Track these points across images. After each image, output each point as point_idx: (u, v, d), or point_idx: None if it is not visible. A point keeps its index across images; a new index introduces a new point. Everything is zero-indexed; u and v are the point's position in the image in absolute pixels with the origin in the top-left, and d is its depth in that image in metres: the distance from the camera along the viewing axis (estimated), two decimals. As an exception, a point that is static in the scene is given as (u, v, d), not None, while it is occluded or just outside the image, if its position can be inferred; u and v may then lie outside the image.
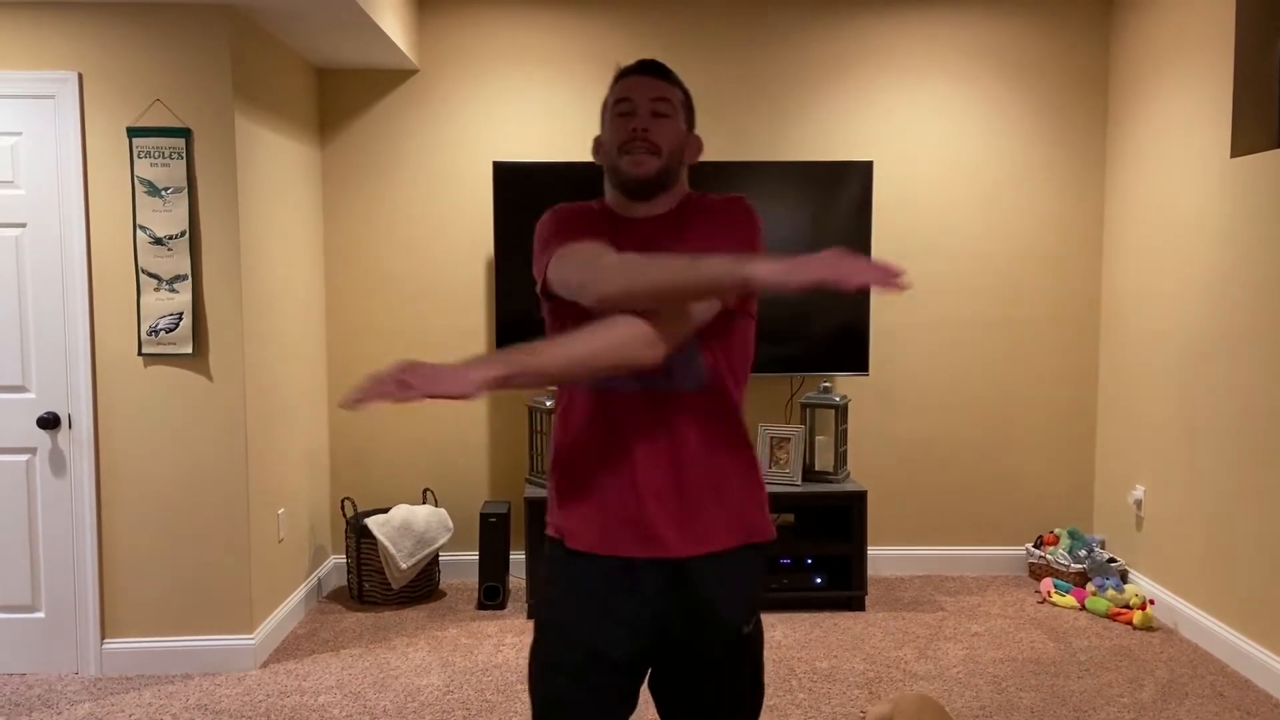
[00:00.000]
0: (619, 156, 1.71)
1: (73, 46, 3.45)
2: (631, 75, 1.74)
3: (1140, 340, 4.32)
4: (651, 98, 1.71)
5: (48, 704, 3.37)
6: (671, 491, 1.68)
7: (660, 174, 1.71)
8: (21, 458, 3.55)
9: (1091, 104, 4.61)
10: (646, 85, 1.72)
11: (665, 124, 1.71)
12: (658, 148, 1.70)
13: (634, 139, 1.69)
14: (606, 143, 1.75)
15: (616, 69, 1.78)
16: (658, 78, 1.73)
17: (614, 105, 1.73)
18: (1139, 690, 3.44)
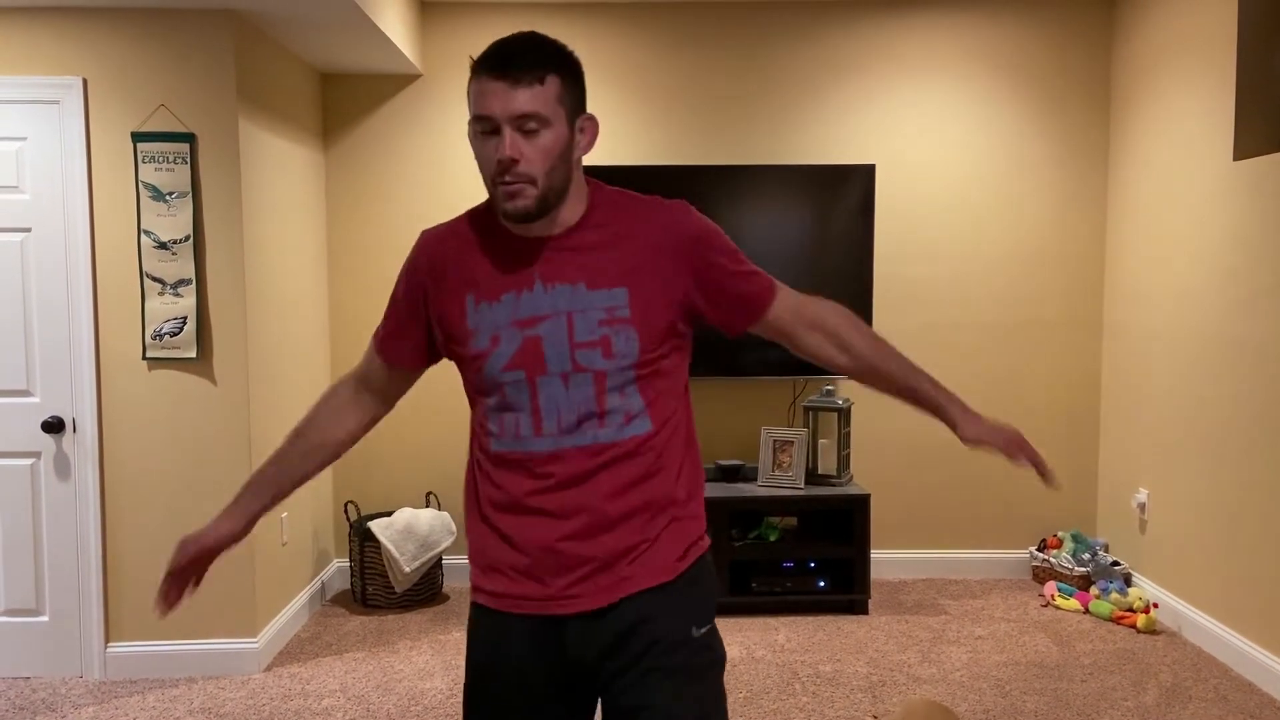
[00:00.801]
0: (493, 187, 1.47)
1: (78, 52, 3.46)
2: (486, 79, 1.42)
3: (1143, 343, 4.32)
4: (515, 115, 1.41)
5: (51, 708, 3.37)
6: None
7: (541, 203, 1.46)
8: (26, 462, 3.56)
9: (1094, 107, 4.62)
10: (506, 97, 1.41)
11: (539, 142, 1.44)
12: (533, 178, 1.44)
13: (503, 170, 1.43)
14: (477, 161, 1.49)
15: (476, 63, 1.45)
16: (519, 83, 1.41)
17: (473, 121, 1.45)
18: (1142, 694, 3.44)
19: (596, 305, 1.49)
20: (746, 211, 4.37)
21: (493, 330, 1.51)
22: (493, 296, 1.51)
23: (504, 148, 1.42)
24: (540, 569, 1.52)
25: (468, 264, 1.54)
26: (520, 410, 1.51)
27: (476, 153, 1.48)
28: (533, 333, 1.49)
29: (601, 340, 1.49)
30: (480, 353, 1.51)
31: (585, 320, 1.49)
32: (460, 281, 1.54)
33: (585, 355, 1.49)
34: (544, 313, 1.49)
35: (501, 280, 1.52)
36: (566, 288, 1.50)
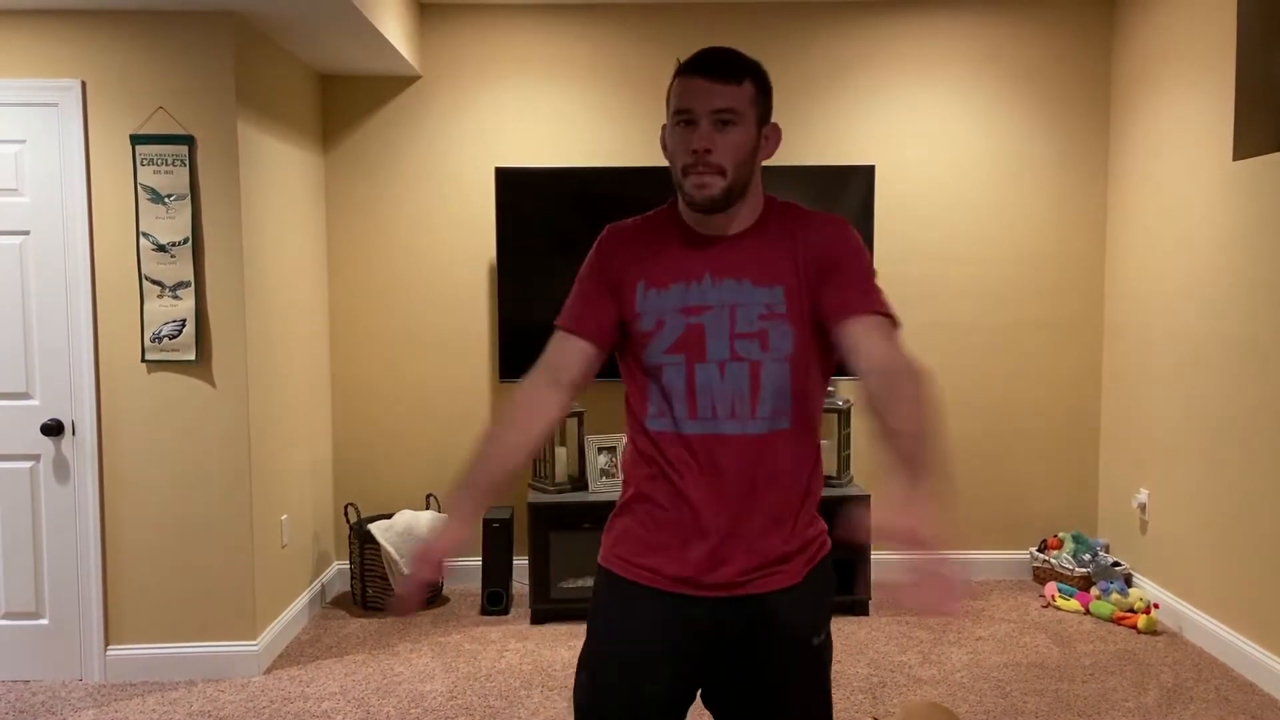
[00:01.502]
0: (683, 177, 1.59)
1: (76, 54, 3.46)
2: (690, 77, 1.56)
3: (1143, 343, 4.32)
4: (713, 109, 1.55)
5: (51, 711, 3.37)
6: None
7: (726, 194, 1.59)
8: (25, 464, 3.55)
9: (1094, 108, 4.62)
10: (707, 92, 1.54)
11: (730, 136, 1.56)
12: (722, 167, 1.56)
13: (697, 160, 1.56)
14: (670, 155, 1.62)
15: (677, 62, 1.61)
16: (720, 80, 1.55)
17: (673, 115, 1.59)
18: (1143, 694, 3.43)
19: (758, 300, 1.60)
20: (746, 212, 4.37)
21: (658, 315, 1.62)
22: (663, 284, 1.63)
23: (700, 138, 1.55)
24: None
25: (644, 254, 1.67)
26: (684, 388, 1.60)
27: (670, 147, 1.61)
28: (696, 320, 1.60)
29: (759, 333, 1.59)
30: (646, 334, 1.63)
31: (746, 313, 1.60)
32: (636, 269, 1.66)
33: (744, 345, 1.59)
34: (709, 303, 1.60)
35: (673, 270, 1.63)
36: (733, 282, 1.61)
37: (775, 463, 1.63)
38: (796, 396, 1.62)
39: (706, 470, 1.61)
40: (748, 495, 1.61)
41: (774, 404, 1.61)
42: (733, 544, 1.61)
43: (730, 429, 1.60)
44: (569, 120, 4.57)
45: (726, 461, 1.60)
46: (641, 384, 1.67)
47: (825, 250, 1.62)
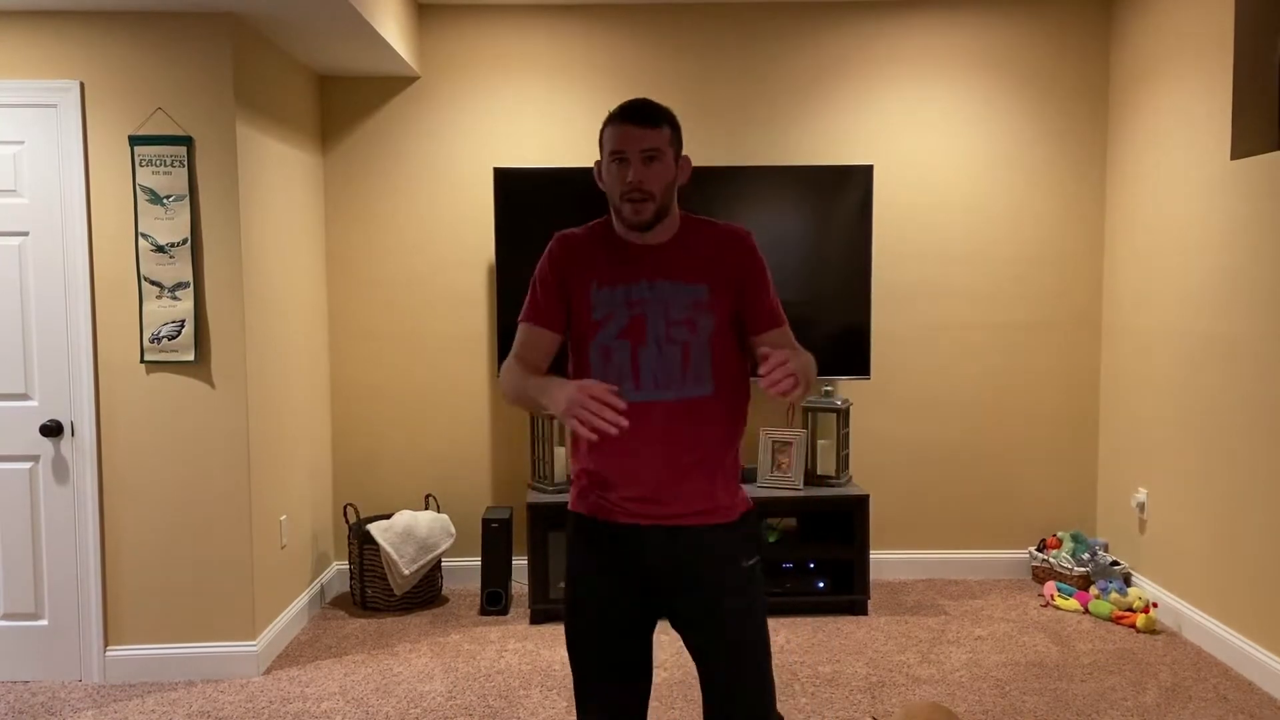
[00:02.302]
0: (620, 202, 1.99)
1: (75, 55, 3.46)
2: (621, 124, 1.98)
3: (1142, 343, 4.32)
4: (641, 149, 1.96)
5: (51, 711, 3.37)
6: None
7: (655, 215, 2.00)
8: (25, 465, 3.56)
9: (1091, 107, 4.62)
10: (636, 136, 1.96)
11: (655, 169, 1.98)
12: (652, 194, 1.97)
13: (630, 189, 1.96)
14: (607, 186, 2.02)
15: (613, 113, 2.00)
16: (645, 126, 1.97)
17: (609, 155, 1.99)
18: (1142, 693, 3.43)
19: (686, 295, 2.02)
20: (745, 212, 4.37)
21: (609, 309, 2.03)
22: (611, 284, 2.03)
23: (633, 172, 1.95)
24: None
25: (592, 260, 2.06)
26: (624, 369, 2.00)
27: (607, 180, 2.01)
28: (639, 312, 2.01)
29: (687, 320, 2.01)
30: (597, 323, 2.03)
31: (678, 305, 2.01)
32: (588, 273, 2.05)
33: (676, 330, 2.01)
34: (647, 298, 2.01)
35: (618, 274, 2.04)
36: (666, 282, 2.02)
37: (703, 419, 2.03)
38: (717, 368, 2.03)
39: (645, 431, 1.98)
40: (684, 448, 2.01)
41: (699, 375, 2.02)
42: (674, 488, 2.01)
43: (667, 395, 2.01)
44: (568, 120, 4.57)
45: (661, 422, 2.00)
46: (584, 362, 2.07)
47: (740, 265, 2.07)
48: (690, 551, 2.03)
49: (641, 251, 2.05)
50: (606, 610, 2.05)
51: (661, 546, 2.03)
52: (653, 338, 2.00)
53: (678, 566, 2.03)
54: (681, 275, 2.03)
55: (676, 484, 2.01)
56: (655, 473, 2.00)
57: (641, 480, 2.01)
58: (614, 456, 2.01)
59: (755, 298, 2.07)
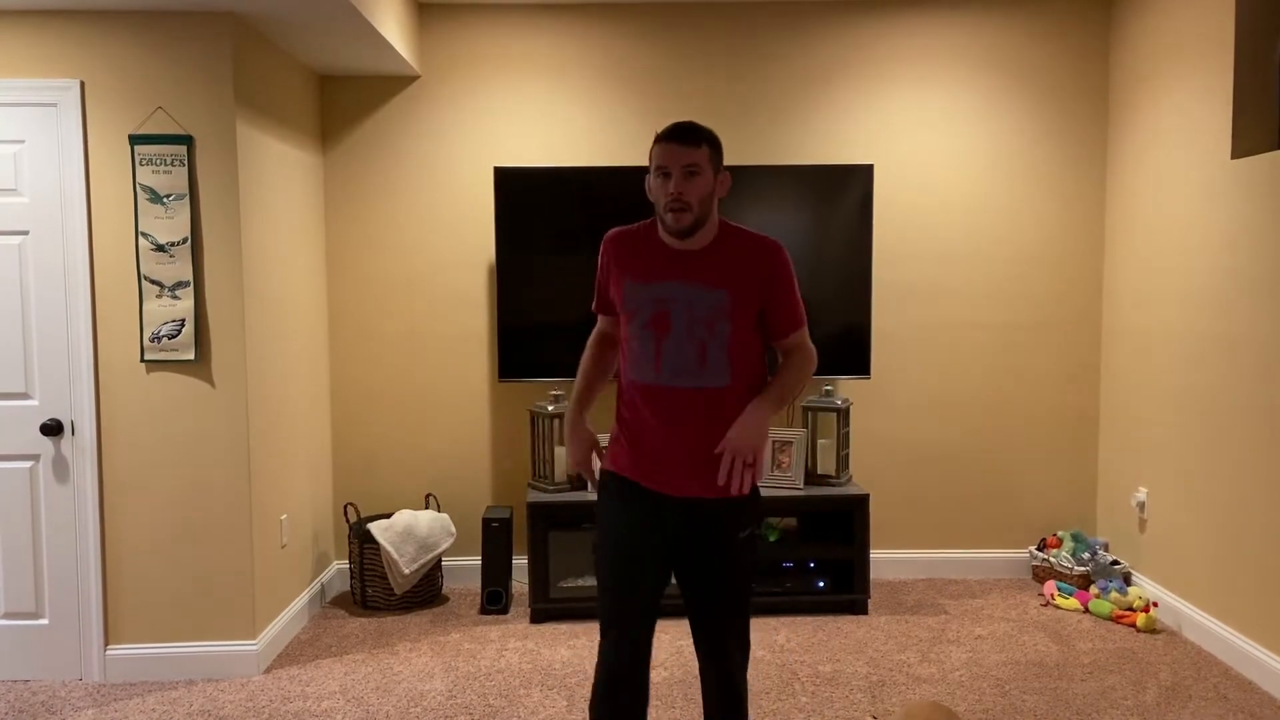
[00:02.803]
0: (664, 211, 2.28)
1: (75, 54, 3.46)
2: (667, 143, 2.26)
3: (1142, 342, 4.32)
4: (683, 164, 2.24)
5: (51, 710, 3.37)
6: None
7: (694, 223, 2.28)
8: (25, 464, 3.56)
9: (1092, 106, 4.62)
10: (679, 153, 2.25)
11: (695, 182, 2.26)
12: (690, 204, 2.25)
13: (673, 199, 2.25)
14: (653, 196, 2.31)
15: (661, 133, 2.30)
16: (687, 145, 2.26)
17: (655, 169, 2.28)
18: (1142, 693, 3.43)
19: (708, 299, 2.30)
20: (745, 212, 4.37)
21: (637, 303, 2.34)
22: (645, 281, 2.34)
23: (673, 185, 2.25)
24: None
25: (633, 257, 2.38)
26: (649, 355, 2.33)
27: (654, 191, 2.31)
28: (664, 309, 2.32)
29: (706, 320, 2.30)
30: (629, 314, 2.36)
31: (700, 307, 2.30)
32: (625, 268, 2.38)
33: (697, 329, 2.30)
34: (673, 297, 2.31)
35: (652, 272, 2.34)
36: (693, 284, 2.31)
37: (717, 409, 2.31)
38: (735, 363, 2.32)
39: (667, 411, 2.32)
40: (698, 430, 2.31)
41: (717, 368, 2.30)
42: (689, 464, 2.32)
43: (686, 384, 2.31)
44: (568, 120, 4.57)
45: (680, 406, 2.31)
46: (625, 347, 2.40)
47: (768, 274, 2.34)
48: (703, 519, 2.35)
49: (676, 255, 2.34)
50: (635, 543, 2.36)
51: (680, 513, 2.36)
52: (675, 332, 2.30)
53: (692, 530, 2.37)
54: (706, 280, 2.30)
55: (694, 464, 2.31)
56: (676, 449, 2.32)
57: (663, 457, 2.33)
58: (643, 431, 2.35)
59: (779, 304, 2.36)
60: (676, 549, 2.39)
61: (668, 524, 2.36)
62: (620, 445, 2.41)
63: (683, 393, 2.30)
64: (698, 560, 2.38)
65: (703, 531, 2.36)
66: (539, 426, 4.37)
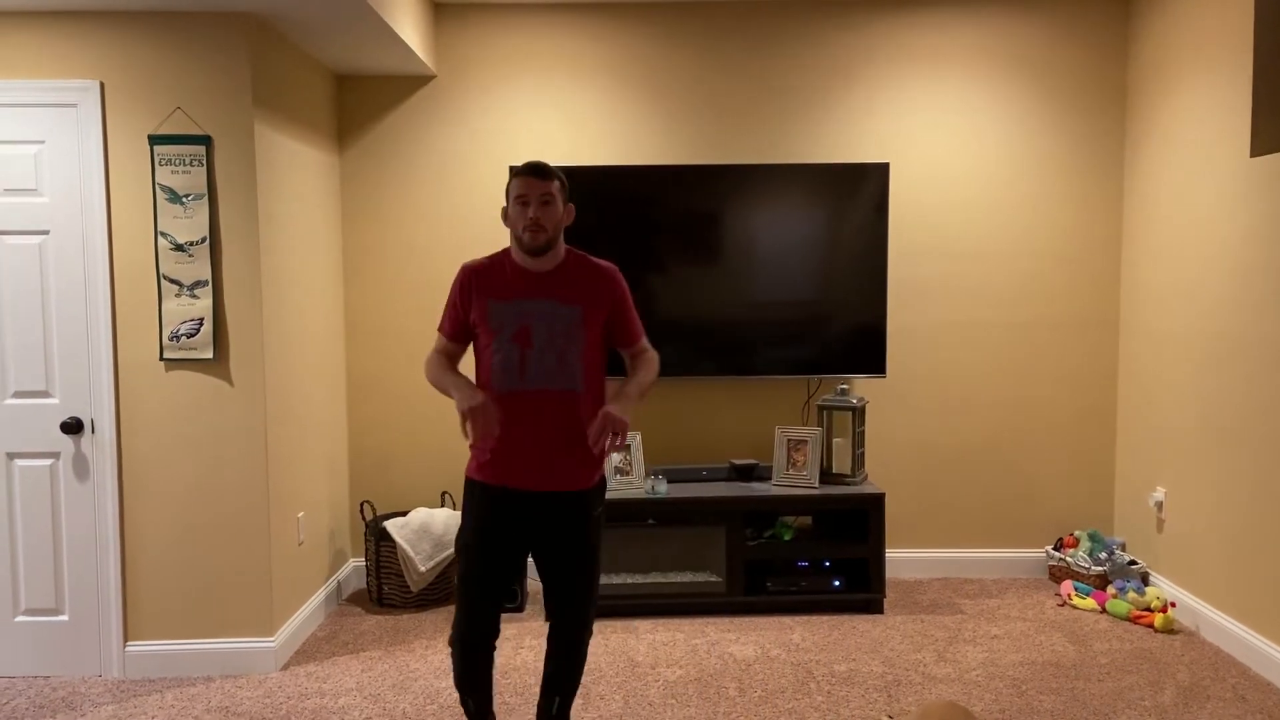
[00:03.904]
0: (521, 232, 2.63)
1: (95, 55, 3.49)
2: (527, 177, 2.62)
3: (1160, 341, 4.30)
4: (539, 194, 2.61)
5: (71, 706, 3.40)
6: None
7: (547, 242, 2.64)
8: (45, 462, 3.59)
9: (1110, 103, 4.59)
10: (536, 185, 2.61)
11: (549, 210, 2.62)
12: (545, 227, 2.62)
13: (531, 222, 2.61)
14: (511, 219, 2.65)
15: (511, 171, 2.73)
16: (543, 179, 2.62)
17: (515, 199, 2.63)
18: (1160, 693, 3.42)
19: (563, 314, 2.66)
20: (761, 211, 4.37)
21: (503, 319, 2.65)
22: (506, 299, 2.66)
23: (532, 210, 2.61)
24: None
25: (494, 281, 2.69)
26: (514, 366, 2.63)
27: (513, 216, 2.63)
28: (527, 322, 2.64)
29: (563, 333, 2.65)
30: (495, 330, 2.65)
31: (557, 321, 2.65)
32: (487, 291, 2.68)
33: (554, 341, 2.64)
34: (533, 313, 2.65)
35: (512, 291, 2.67)
36: (548, 302, 2.66)
37: (572, 410, 2.65)
38: (585, 371, 2.67)
39: (530, 415, 2.63)
40: (557, 429, 2.65)
41: (571, 375, 2.64)
42: (551, 460, 2.65)
43: (545, 387, 2.63)
44: (583, 119, 4.58)
45: (542, 408, 2.63)
46: (485, 360, 2.67)
47: (617, 295, 2.75)
48: (564, 506, 2.69)
49: (533, 276, 2.68)
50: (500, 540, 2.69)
51: (543, 506, 2.68)
52: (537, 343, 2.63)
53: (554, 517, 2.70)
54: (561, 298, 2.66)
55: (553, 457, 2.65)
56: (538, 446, 2.64)
57: (528, 453, 2.64)
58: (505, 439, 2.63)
59: (626, 319, 2.77)
60: (539, 538, 2.72)
61: (531, 518, 2.68)
62: (481, 455, 2.68)
63: (544, 396, 2.63)
64: (560, 544, 2.71)
65: (564, 518, 2.70)
66: (554, 425, 4.37)
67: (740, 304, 4.41)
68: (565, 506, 2.70)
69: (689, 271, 4.40)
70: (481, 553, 2.69)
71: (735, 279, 4.40)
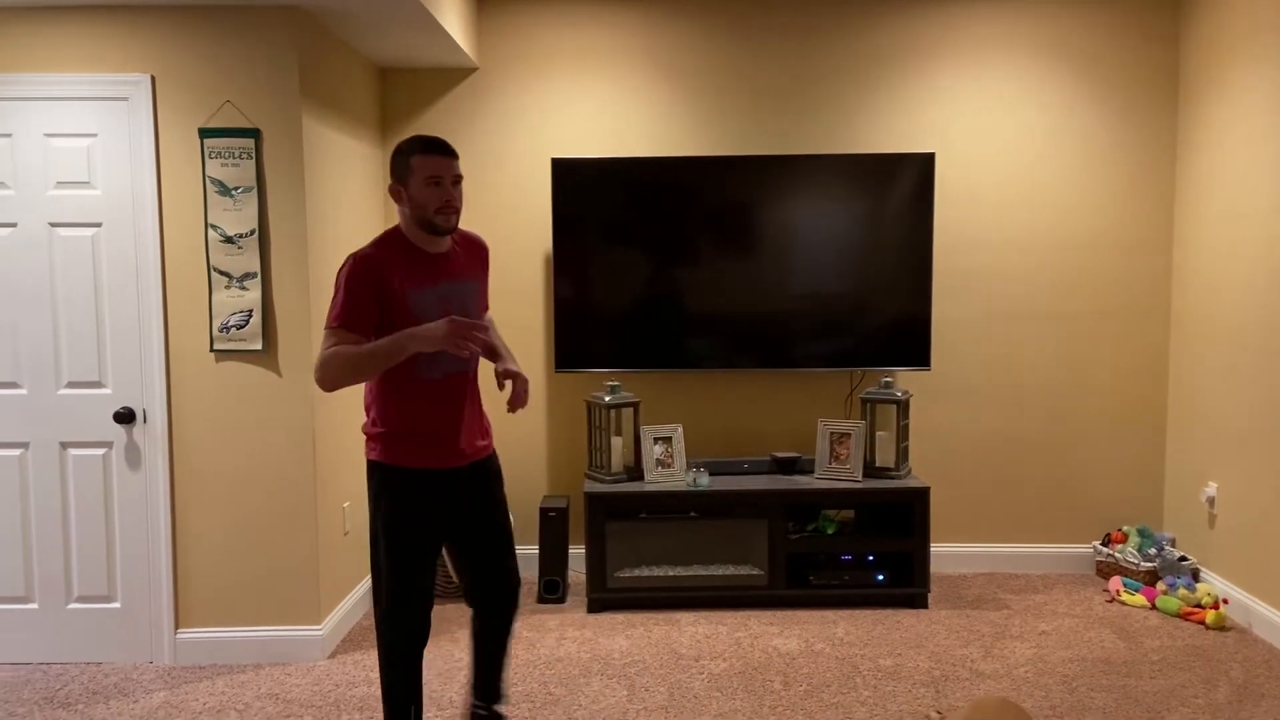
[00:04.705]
0: (434, 214, 2.58)
1: (145, 49, 3.53)
2: (440, 156, 2.59)
3: (1212, 332, 4.22)
4: (453, 174, 2.60)
5: (124, 692, 3.45)
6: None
7: (456, 223, 2.64)
8: (99, 451, 3.64)
9: (1161, 92, 4.51)
10: (449, 165, 2.60)
11: (460, 190, 2.63)
12: (458, 209, 2.62)
13: (447, 204, 2.58)
14: (419, 201, 2.58)
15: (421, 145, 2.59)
16: (453, 158, 2.61)
17: (426, 179, 2.56)
18: (1213, 691, 3.36)
19: (471, 290, 2.74)
20: (802, 201, 4.34)
21: (425, 305, 2.59)
22: (422, 285, 2.61)
23: (449, 193, 2.59)
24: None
25: (404, 269, 2.60)
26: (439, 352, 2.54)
27: (424, 197, 2.57)
28: (447, 305, 2.63)
29: (474, 311, 2.75)
30: (418, 317, 2.56)
31: (469, 298, 2.72)
32: (399, 279, 2.58)
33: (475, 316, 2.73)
34: (447, 296, 2.65)
35: (426, 277, 2.62)
36: (459, 281, 2.70)
37: (476, 383, 2.77)
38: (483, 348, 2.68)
39: (452, 396, 2.68)
40: (472, 403, 2.75)
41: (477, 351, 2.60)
42: (467, 436, 2.72)
43: (463, 369, 2.69)
44: (625, 111, 4.57)
45: (461, 388, 2.70)
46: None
47: (484, 265, 2.86)
48: (481, 474, 2.78)
49: (436, 259, 2.66)
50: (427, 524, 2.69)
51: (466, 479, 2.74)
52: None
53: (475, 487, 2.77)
54: (462, 276, 2.71)
55: (472, 434, 2.74)
56: (463, 426, 2.70)
57: (453, 433, 2.68)
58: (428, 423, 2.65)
59: (486, 288, 2.86)
60: (462, 512, 2.76)
61: (454, 494, 2.73)
62: (398, 443, 2.65)
63: (463, 376, 2.70)
64: (484, 511, 2.80)
65: (484, 485, 2.80)
66: (595, 417, 4.38)
67: (781, 296, 4.39)
68: (484, 473, 2.79)
69: (729, 263, 4.38)
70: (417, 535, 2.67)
71: (776, 270, 4.37)
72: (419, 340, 2.47)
